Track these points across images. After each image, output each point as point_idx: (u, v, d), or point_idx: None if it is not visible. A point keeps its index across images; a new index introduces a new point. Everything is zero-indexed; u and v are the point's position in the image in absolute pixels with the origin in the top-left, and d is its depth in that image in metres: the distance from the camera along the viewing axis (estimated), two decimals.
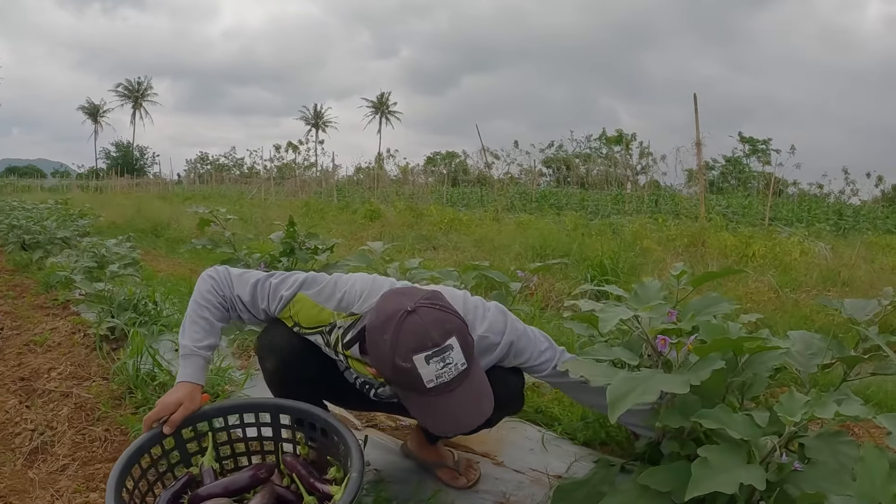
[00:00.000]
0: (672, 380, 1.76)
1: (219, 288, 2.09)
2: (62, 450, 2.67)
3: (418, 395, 1.70)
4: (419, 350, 1.64)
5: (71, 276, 5.40)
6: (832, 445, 1.78)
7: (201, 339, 2.02)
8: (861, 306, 2.21)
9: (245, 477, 1.87)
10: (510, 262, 6.84)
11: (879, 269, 7.73)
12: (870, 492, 1.42)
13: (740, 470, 1.60)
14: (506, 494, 2.37)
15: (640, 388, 1.74)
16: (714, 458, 1.63)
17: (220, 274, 2.12)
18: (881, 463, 1.46)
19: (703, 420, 1.74)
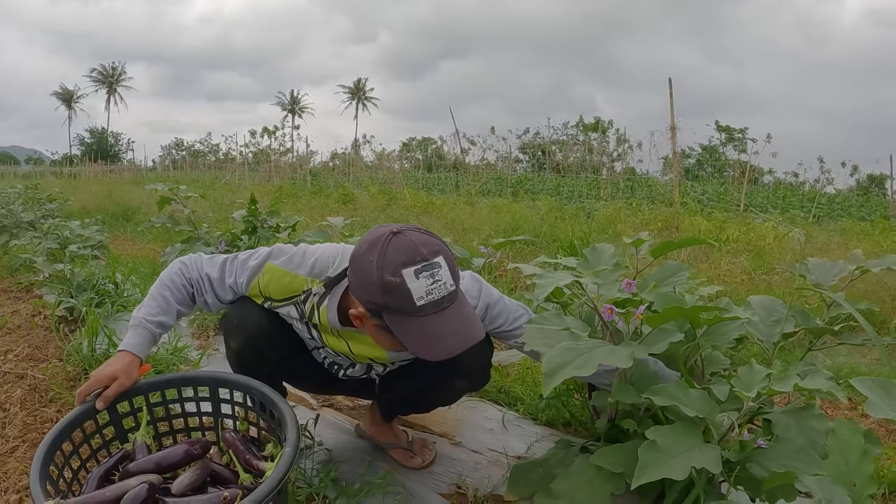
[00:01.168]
0: (615, 352, 1.65)
1: (187, 270, 2.03)
2: (13, 431, 2.63)
3: (407, 316, 1.61)
4: (409, 264, 1.58)
5: (33, 258, 5.34)
6: (801, 421, 1.68)
7: (154, 315, 1.96)
8: (827, 268, 2.15)
9: (178, 452, 1.80)
10: (478, 243, 6.81)
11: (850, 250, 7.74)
12: (843, 470, 1.35)
13: (694, 452, 1.51)
14: (461, 475, 2.31)
15: (579, 360, 1.63)
16: (664, 441, 1.52)
17: (191, 259, 2.06)
18: (855, 439, 1.38)
19: (655, 396, 1.63)
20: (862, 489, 1.30)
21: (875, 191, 30.97)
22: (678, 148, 13.18)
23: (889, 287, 5.18)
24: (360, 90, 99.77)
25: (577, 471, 1.82)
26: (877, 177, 35.61)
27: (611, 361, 1.61)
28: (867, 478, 1.31)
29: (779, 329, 1.97)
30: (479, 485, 2.25)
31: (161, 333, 1.97)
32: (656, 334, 1.76)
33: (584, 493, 1.75)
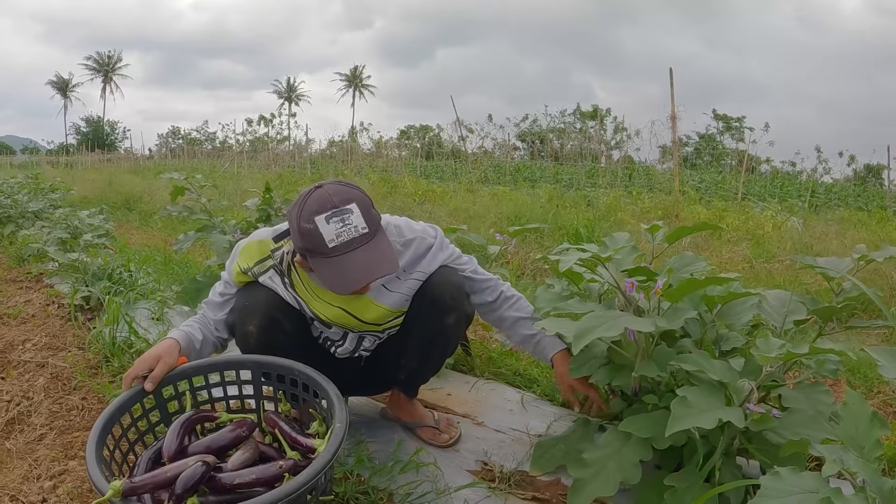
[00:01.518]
0: (639, 320, 1.81)
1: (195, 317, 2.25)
2: (39, 419, 2.67)
3: (324, 257, 1.83)
4: (320, 211, 1.81)
5: (44, 247, 5.37)
6: (809, 395, 1.81)
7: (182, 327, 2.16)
8: (834, 263, 2.23)
9: (227, 435, 1.85)
10: (487, 230, 6.86)
11: (851, 242, 7.81)
12: (853, 436, 1.45)
13: (720, 409, 1.63)
14: (487, 453, 2.39)
15: (607, 324, 1.79)
16: (693, 398, 1.66)
17: None
18: (864, 408, 1.48)
19: (682, 363, 1.77)
20: (871, 451, 1.40)
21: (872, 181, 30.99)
22: (677, 137, 13.21)
23: (887, 276, 5.26)
24: (357, 78, 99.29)
25: (606, 442, 1.93)
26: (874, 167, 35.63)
27: (636, 327, 1.77)
28: (875, 442, 1.42)
29: (791, 317, 2.06)
30: (504, 461, 2.32)
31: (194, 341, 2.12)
32: (673, 311, 1.88)
33: (614, 460, 1.86)
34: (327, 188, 1.86)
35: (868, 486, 1.29)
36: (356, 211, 1.83)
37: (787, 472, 1.33)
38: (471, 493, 2.13)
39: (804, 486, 1.31)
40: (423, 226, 2.27)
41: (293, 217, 1.87)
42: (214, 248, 3.80)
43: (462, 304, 2.22)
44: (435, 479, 2.20)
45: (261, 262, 2.15)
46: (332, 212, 1.81)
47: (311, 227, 1.80)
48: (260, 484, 1.68)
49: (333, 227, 1.80)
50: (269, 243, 2.15)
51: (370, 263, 1.84)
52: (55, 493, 2.16)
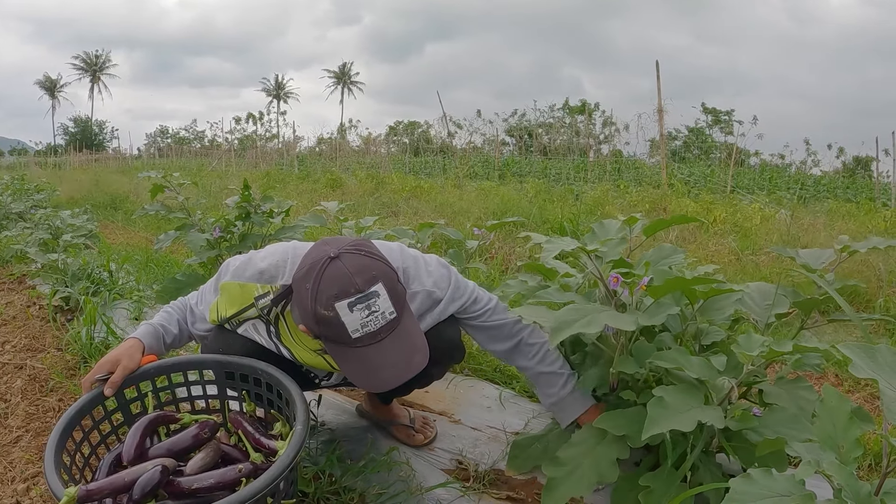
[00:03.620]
0: (620, 317, 1.73)
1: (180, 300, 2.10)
2: (16, 422, 2.65)
3: (345, 347, 1.62)
4: (341, 297, 1.55)
5: (25, 248, 5.34)
6: (791, 391, 1.77)
7: (157, 319, 2.02)
8: (816, 255, 2.20)
9: (188, 437, 1.81)
10: (471, 225, 6.84)
11: (839, 233, 7.80)
12: (831, 434, 1.40)
13: (698, 410, 1.58)
14: (462, 451, 2.36)
15: (587, 318, 1.70)
16: (671, 398, 1.60)
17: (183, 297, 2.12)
18: (842, 405, 1.44)
19: (659, 360, 1.72)
20: (849, 452, 1.35)
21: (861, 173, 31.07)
22: (665, 130, 13.21)
23: (874, 267, 5.25)
24: (346, 75, 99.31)
25: (581, 439, 1.87)
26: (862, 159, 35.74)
27: (616, 325, 1.69)
28: (853, 441, 1.37)
29: (774, 310, 2.03)
30: (479, 460, 2.30)
31: (164, 335, 1.99)
32: (655, 307, 1.83)
33: (589, 459, 1.81)
34: (347, 263, 1.59)
35: (844, 491, 1.25)
36: (383, 293, 1.59)
37: (758, 474, 1.28)
38: (444, 493, 2.10)
39: (776, 488, 1.26)
40: (435, 272, 1.97)
41: (305, 295, 1.60)
42: (191, 246, 3.75)
43: (452, 357, 2.12)
44: (408, 478, 2.17)
45: (241, 313, 1.90)
46: (357, 297, 1.56)
47: (330, 314, 1.56)
48: (219, 488, 1.64)
49: (357, 315, 1.56)
50: (251, 289, 1.87)
51: (399, 360, 1.63)
52: (28, 496, 2.14)
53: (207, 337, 2.02)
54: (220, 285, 1.94)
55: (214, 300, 1.95)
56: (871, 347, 1.36)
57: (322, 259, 1.60)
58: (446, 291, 1.96)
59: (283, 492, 1.66)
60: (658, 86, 12.17)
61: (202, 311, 2.00)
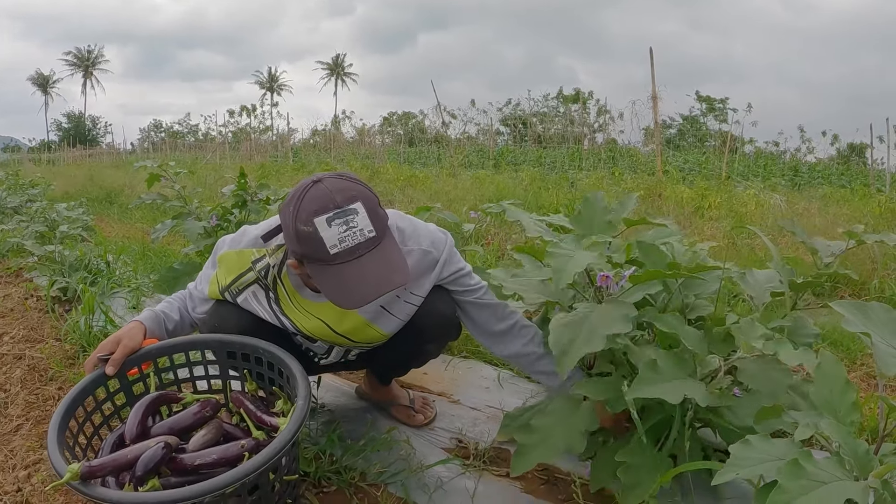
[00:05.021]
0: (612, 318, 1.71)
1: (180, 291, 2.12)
2: (16, 411, 2.66)
3: (324, 265, 1.61)
4: (320, 212, 1.57)
5: (21, 241, 5.33)
6: (766, 371, 1.76)
7: (158, 306, 2.04)
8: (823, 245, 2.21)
9: (190, 415, 1.82)
10: (466, 209, 6.85)
11: (833, 217, 7.83)
12: (828, 400, 1.42)
13: (686, 382, 1.59)
14: (462, 430, 2.38)
15: (583, 336, 1.70)
16: (664, 363, 1.61)
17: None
18: (838, 371, 1.45)
19: (658, 322, 1.73)
20: (845, 416, 1.37)
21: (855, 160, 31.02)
22: (659, 118, 13.21)
23: (868, 250, 5.27)
24: (339, 66, 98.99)
25: (555, 409, 1.90)
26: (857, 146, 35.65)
27: (612, 329, 1.67)
28: (850, 405, 1.38)
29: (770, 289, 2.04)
30: (479, 438, 2.32)
31: (166, 321, 2.01)
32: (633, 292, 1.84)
33: (560, 428, 1.84)
34: (327, 184, 1.62)
35: (842, 450, 1.27)
36: (361, 211, 1.60)
37: (757, 440, 1.30)
38: (445, 471, 2.12)
39: (776, 452, 1.27)
40: (432, 232, 2.00)
41: (288, 216, 1.63)
42: (188, 234, 3.76)
43: (448, 334, 2.13)
44: (409, 457, 2.19)
45: (239, 279, 1.93)
46: (335, 213, 1.57)
47: (309, 230, 1.58)
48: (222, 464, 1.65)
49: (336, 230, 1.57)
50: (248, 255, 1.91)
51: (379, 276, 1.62)
52: (30, 482, 2.14)
53: (205, 316, 2.05)
54: (217, 258, 1.97)
55: (213, 274, 1.98)
56: (864, 304, 1.37)
57: (306, 184, 1.64)
58: (442, 253, 1.97)
59: (285, 468, 1.68)
60: (652, 73, 12.18)
61: (202, 290, 2.03)
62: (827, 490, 1.13)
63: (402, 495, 2.00)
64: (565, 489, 2.04)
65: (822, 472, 1.16)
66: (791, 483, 1.13)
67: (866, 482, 1.17)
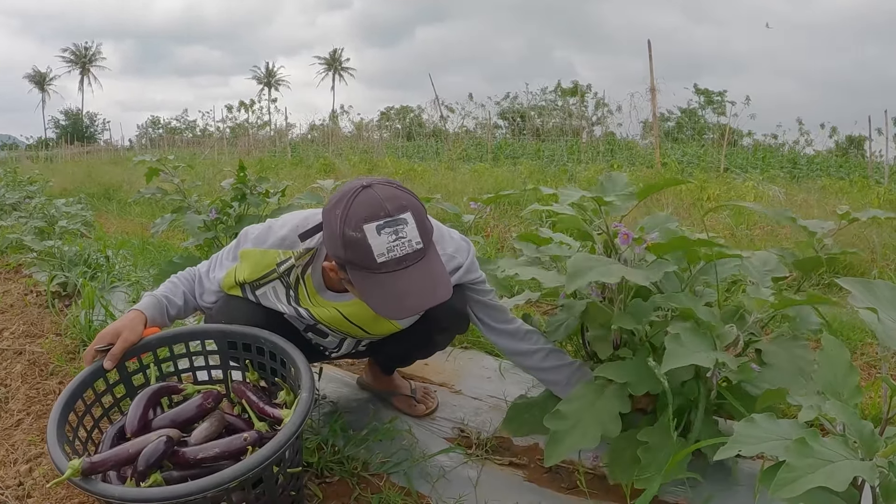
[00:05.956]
0: (634, 272, 1.75)
1: (189, 270, 2.10)
2: (16, 405, 2.66)
3: (369, 273, 1.59)
4: (371, 219, 1.55)
5: (21, 237, 5.33)
6: (789, 350, 1.78)
7: (161, 290, 2.01)
8: (817, 224, 2.21)
9: (192, 407, 1.81)
10: (466, 199, 6.84)
11: (832, 209, 7.82)
12: (831, 382, 1.42)
13: (712, 352, 1.60)
14: (464, 420, 2.38)
15: (602, 268, 1.72)
16: (686, 337, 1.62)
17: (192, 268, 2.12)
18: (842, 354, 1.45)
19: (672, 301, 1.74)
20: (849, 399, 1.37)
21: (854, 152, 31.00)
22: (658, 111, 13.21)
23: (868, 240, 5.28)
24: (336, 61, 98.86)
25: (581, 395, 1.89)
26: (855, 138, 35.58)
27: (631, 278, 1.71)
28: (854, 388, 1.38)
29: (770, 275, 2.04)
30: (481, 428, 2.32)
31: (168, 307, 1.98)
32: (656, 265, 1.84)
33: (590, 413, 1.83)
34: (378, 190, 1.59)
35: (847, 431, 1.27)
36: (411, 221, 1.58)
37: (762, 419, 1.30)
38: (447, 460, 2.13)
39: (780, 432, 1.27)
40: (457, 240, 2.02)
41: (334, 220, 1.60)
42: (188, 228, 3.75)
43: (458, 327, 2.13)
44: (411, 447, 2.20)
45: (263, 278, 1.92)
46: (385, 221, 1.55)
47: (358, 236, 1.55)
48: (224, 457, 1.64)
49: (385, 238, 1.55)
50: (273, 255, 1.89)
51: (423, 288, 1.61)
52: (31, 476, 2.15)
53: (213, 308, 2.03)
54: (239, 252, 1.95)
55: (233, 266, 1.96)
56: (870, 282, 1.38)
57: (355, 188, 1.60)
58: (466, 261, 1.98)
59: (288, 460, 1.66)
60: (650, 65, 12.17)
61: (216, 278, 2.00)
62: (834, 468, 1.13)
63: (405, 485, 2.01)
64: (568, 478, 2.04)
65: (828, 451, 1.17)
66: (799, 461, 1.14)
67: (873, 462, 1.17)
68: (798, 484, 1.11)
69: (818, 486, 1.11)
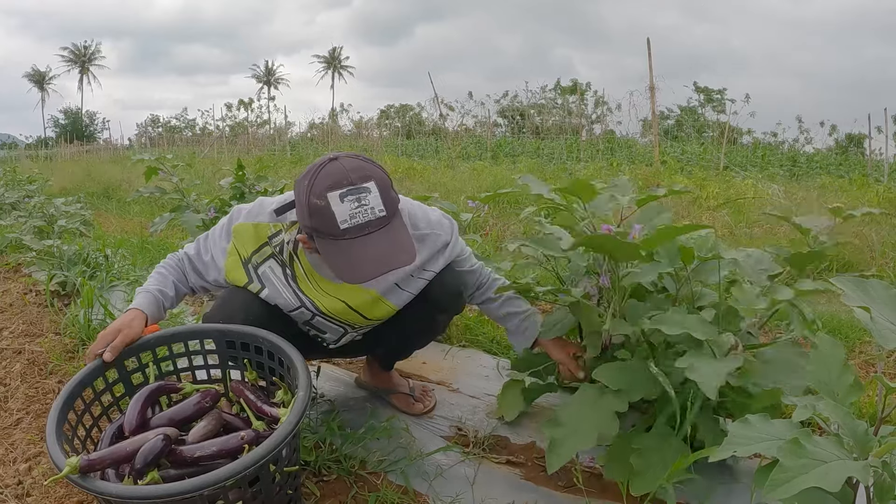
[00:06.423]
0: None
1: (173, 255, 2.11)
2: (15, 404, 2.65)
3: (333, 239, 1.67)
4: (334, 187, 1.63)
5: (20, 236, 5.32)
6: (786, 355, 1.78)
7: (152, 285, 2.01)
8: (812, 221, 2.22)
9: (190, 406, 1.81)
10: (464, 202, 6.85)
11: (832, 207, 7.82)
12: (826, 381, 1.42)
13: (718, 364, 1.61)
14: (461, 419, 2.39)
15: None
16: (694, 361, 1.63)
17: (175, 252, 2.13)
18: (836, 352, 1.46)
19: (663, 325, 1.73)
20: (844, 398, 1.37)
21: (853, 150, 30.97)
22: (657, 109, 13.21)
23: (867, 239, 5.28)
24: (336, 59, 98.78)
25: (579, 400, 1.90)
26: (855, 136, 35.51)
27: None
28: (848, 387, 1.38)
29: (765, 273, 2.04)
30: (479, 426, 2.33)
31: (164, 301, 1.99)
32: (649, 267, 1.84)
33: (588, 417, 1.84)
34: (343, 161, 1.68)
35: (842, 430, 1.27)
36: (374, 190, 1.66)
37: (756, 419, 1.31)
38: (444, 458, 2.13)
39: (774, 432, 1.28)
40: (439, 216, 2.11)
41: (301, 190, 1.69)
42: (187, 226, 3.76)
43: (456, 306, 2.18)
44: (408, 445, 2.20)
45: (258, 251, 1.97)
46: (348, 189, 1.63)
47: (321, 203, 1.63)
48: (222, 456, 1.64)
49: (347, 206, 1.63)
50: (264, 228, 1.96)
51: (385, 253, 1.68)
52: (30, 475, 2.14)
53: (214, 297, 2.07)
54: (231, 228, 1.99)
55: (229, 244, 1.99)
56: (863, 281, 1.38)
57: (322, 161, 1.71)
58: (452, 235, 2.09)
59: (285, 459, 1.66)
60: (650, 63, 12.17)
61: (213, 259, 2.02)
62: (828, 469, 1.14)
63: (403, 483, 2.01)
64: (565, 476, 2.04)
65: (822, 452, 1.17)
66: (792, 462, 1.14)
67: (866, 461, 1.18)
68: (792, 485, 1.11)
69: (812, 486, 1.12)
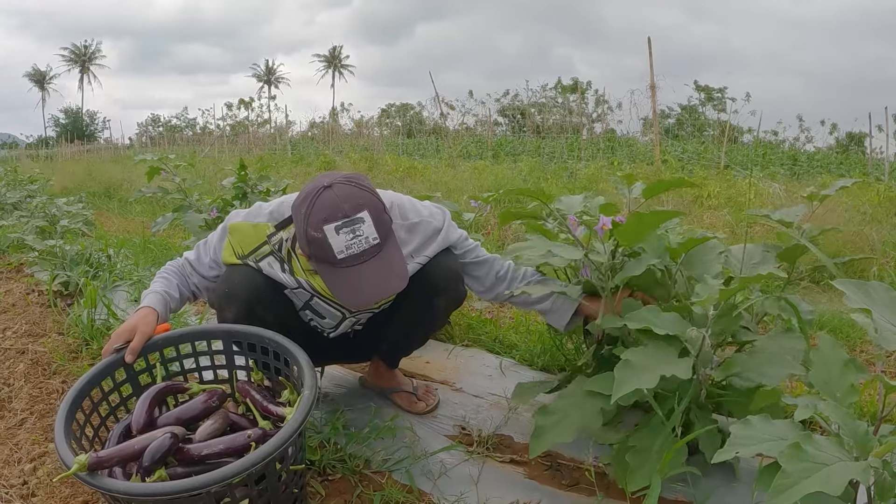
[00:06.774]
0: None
1: (173, 263, 2.17)
2: (20, 405, 2.65)
3: (332, 267, 1.79)
4: (330, 220, 1.74)
5: (22, 236, 5.32)
6: (780, 342, 1.79)
7: (158, 287, 2.06)
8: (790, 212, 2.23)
9: (197, 405, 1.83)
10: (465, 202, 6.85)
11: (832, 206, 7.83)
12: (826, 381, 1.43)
13: (665, 365, 1.62)
14: (465, 418, 2.39)
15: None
16: (637, 359, 1.66)
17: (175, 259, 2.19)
18: (837, 353, 1.47)
19: (629, 321, 1.77)
20: (844, 398, 1.38)
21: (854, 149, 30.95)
22: (658, 108, 13.22)
23: (867, 238, 5.28)
24: (336, 58, 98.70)
25: (571, 392, 1.93)
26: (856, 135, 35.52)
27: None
28: (848, 388, 1.40)
29: (760, 269, 2.04)
30: (482, 425, 2.33)
31: (170, 302, 2.04)
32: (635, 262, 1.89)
33: (577, 409, 1.86)
34: (337, 191, 1.77)
35: (842, 431, 1.28)
36: (367, 219, 1.77)
37: (757, 420, 1.31)
38: (448, 457, 2.14)
39: (776, 433, 1.29)
40: (430, 208, 2.17)
41: (299, 220, 1.81)
42: (189, 226, 3.78)
43: (454, 288, 2.18)
44: (412, 444, 2.21)
45: (257, 250, 2.04)
46: (344, 221, 1.74)
47: (319, 236, 1.75)
48: (228, 454, 1.66)
49: (343, 238, 1.74)
50: (265, 228, 2.04)
51: (379, 281, 1.80)
52: (35, 475, 2.15)
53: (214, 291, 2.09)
54: (228, 226, 2.07)
55: (226, 241, 2.07)
56: (865, 283, 1.39)
57: (317, 188, 1.79)
58: (443, 221, 2.15)
59: (291, 457, 1.67)
60: (650, 62, 12.18)
61: (214, 257, 2.11)
62: (829, 471, 1.14)
63: (407, 482, 2.02)
64: (569, 475, 2.05)
65: (823, 454, 1.17)
66: (793, 466, 1.14)
67: (867, 462, 1.18)
68: (794, 490, 1.12)
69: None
